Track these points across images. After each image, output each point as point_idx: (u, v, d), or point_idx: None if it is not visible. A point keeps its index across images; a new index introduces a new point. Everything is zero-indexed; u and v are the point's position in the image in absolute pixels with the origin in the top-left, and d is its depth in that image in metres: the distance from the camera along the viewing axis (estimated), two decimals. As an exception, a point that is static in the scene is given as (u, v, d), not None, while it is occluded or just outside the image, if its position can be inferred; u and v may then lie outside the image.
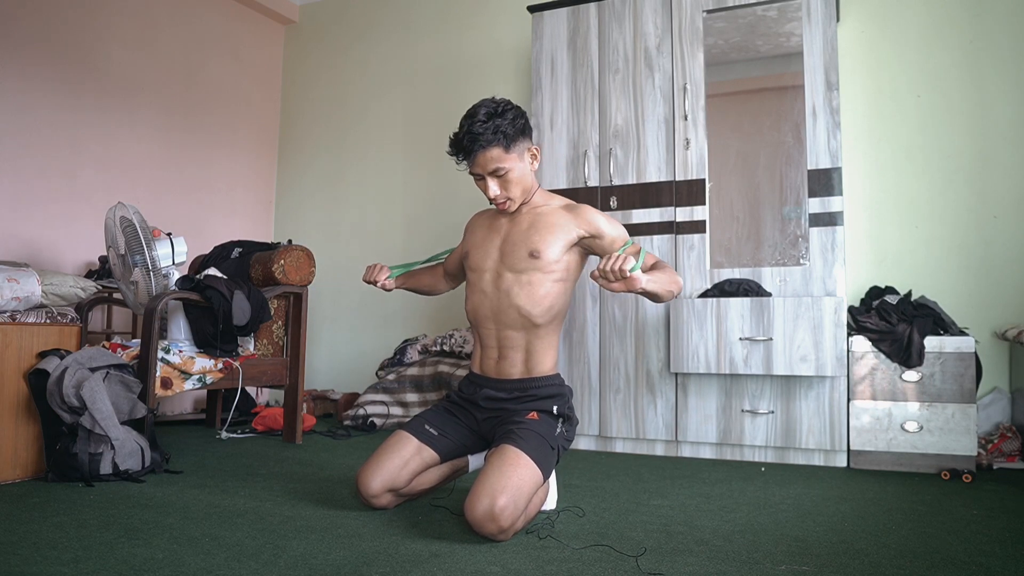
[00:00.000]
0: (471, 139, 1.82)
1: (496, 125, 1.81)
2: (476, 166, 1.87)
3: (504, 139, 1.82)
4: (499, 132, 1.81)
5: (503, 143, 1.82)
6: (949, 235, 3.06)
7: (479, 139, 1.81)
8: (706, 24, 2.98)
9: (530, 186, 1.94)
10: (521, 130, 1.87)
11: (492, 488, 1.62)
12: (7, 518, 1.80)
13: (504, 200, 1.90)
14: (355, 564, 1.47)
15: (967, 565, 1.52)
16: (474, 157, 1.84)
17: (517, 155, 1.87)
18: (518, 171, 1.88)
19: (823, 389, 2.68)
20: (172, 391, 2.61)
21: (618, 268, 1.63)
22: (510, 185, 1.88)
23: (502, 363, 1.93)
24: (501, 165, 1.84)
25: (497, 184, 1.87)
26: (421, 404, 3.53)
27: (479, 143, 1.81)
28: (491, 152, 1.82)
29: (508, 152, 1.84)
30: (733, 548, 1.62)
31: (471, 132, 1.81)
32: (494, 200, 1.89)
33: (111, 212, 2.70)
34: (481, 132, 1.81)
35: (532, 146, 1.93)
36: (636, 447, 2.98)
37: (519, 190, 1.90)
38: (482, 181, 1.89)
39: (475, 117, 1.83)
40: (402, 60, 4.39)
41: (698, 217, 2.92)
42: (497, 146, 1.82)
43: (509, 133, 1.83)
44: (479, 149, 1.82)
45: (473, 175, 1.90)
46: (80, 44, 3.61)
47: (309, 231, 4.55)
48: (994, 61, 3.04)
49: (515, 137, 1.85)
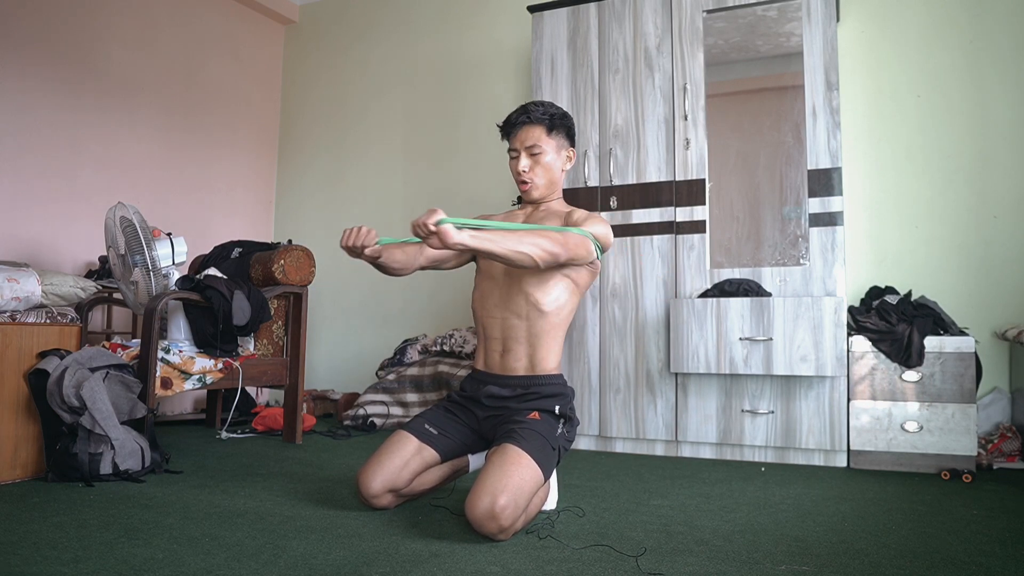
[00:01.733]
0: (521, 112, 1.97)
1: (547, 110, 1.97)
2: (516, 140, 1.98)
3: (549, 122, 1.96)
4: (547, 115, 1.96)
5: (547, 124, 1.96)
6: (949, 235, 3.06)
7: (529, 114, 1.96)
8: (706, 24, 2.98)
9: (556, 181, 2.02)
10: (566, 127, 2.01)
11: (493, 487, 1.62)
12: (7, 518, 1.80)
13: (528, 180, 1.97)
14: (355, 564, 1.47)
15: (967, 565, 1.52)
16: (517, 130, 1.97)
17: (555, 144, 1.98)
18: (550, 158, 1.97)
19: (823, 389, 2.68)
20: (172, 391, 2.61)
21: (422, 222, 1.59)
22: (539, 168, 1.97)
23: (506, 357, 1.94)
24: (538, 144, 1.95)
25: (529, 162, 1.97)
26: (421, 404, 3.53)
27: (527, 116, 1.96)
28: (534, 130, 1.96)
29: (548, 136, 1.96)
30: (733, 548, 1.62)
31: (524, 108, 1.98)
32: (519, 176, 1.97)
33: (111, 212, 2.70)
34: (532, 110, 1.96)
35: (571, 149, 2.03)
36: (636, 447, 2.98)
37: (545, 178, 1.98)
38: (516, 158, 1.98)
39: (532, 102, 1.99)
40: (402, 60, 4.39)
41: (698, 217, 2.92)
42: (540, 126, 1.96)
43: (556, 120, 1.97)
44: (524, 122, 1.96)
45: (510, 152, 1.99)
46: (80, 44, 3.61)
47: (309, 231, 4.55)
48: (994, 61, 3.04)
49: (559, 128, 1.98)
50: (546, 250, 1.75)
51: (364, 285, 4.31)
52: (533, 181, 1.98)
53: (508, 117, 2.01)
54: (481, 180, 4.02)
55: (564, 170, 2.03)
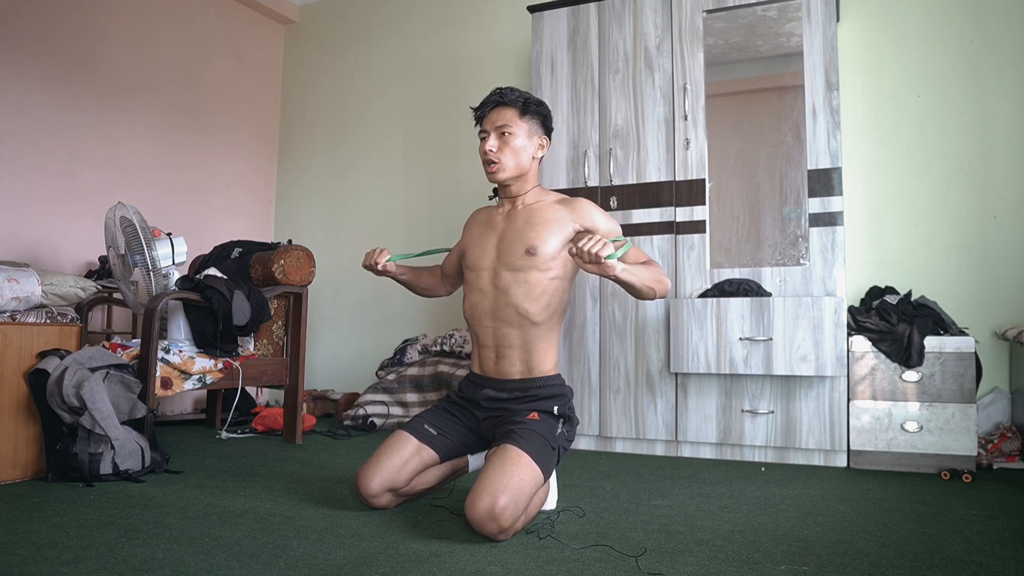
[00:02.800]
0: (495, 93, 1.96)
1: (522, 94, 1.96)
2: (487, 121, 1.96)
3: (523, 105, 1.94)
4: (521, 99, 1.95)
5: (520, 107, 1.94)
6: (949, 235, 3.06)
7: (503, 96, 1.95)
8: (706, 24, 2.98)
9: (525, 167, 1.97)
10: (541, 115, 1.98)
11: (493, 487, 1.62)
12: (7, 518, 1.80)
13: (495, 161, 1.93)
14: (355, 564, 1.47)
15: (967, 565, 1.52)
16: (489, 110, 1.96)
17: (527, 128, 1.96)
18: (520, 142, 1.95)
19: (823, 389, 2.68)
20: (172, 391, 2.61)
21: (595, 252, 1.65)
22: (507, 149, 1.93)
23: (501, 363, 1.94)
24: (509, 124, 1.93)
25: (497, 142, 1.94)
26: (421, 404, 3.53)
27: (500, 97, 1.95)
28: (506, 111, 1.94)
29: (520, 119, 1.94)
30: (733, 548, 1.62)
31: (499, 90, 1.96)
32: (486, 155, 1.94)
33: (111, 212, 2.69)
34: (507, 93, 1.95)
35: (544, 137, 2.00)
36: (636, 447, 2.98)
37: (514, 161, 1.94)
38: (484, 139, 1.95)
39: (508, 87, 1.98)
40: (402, 60, 4.39)
41: (698, 217, 2.92)
42: (513, 108, 1.94)
43: (531, 105, 1.95)
44: (497, 102, 1.95)
45: (481, 134, 1.98)
46: (80, 44, 3.61)
47: (309, 231, 4.55)
48: (994, 61, 3.04)
49: (533, 114, 1.96)
50: (666, 289, 1.85)
51: (364, 285, 4.31)
52: (501, 161, 1.92)
53: (484, 99, 1.98)
54: (481, 180, 4.00)
55: (535, 158, 1.98)
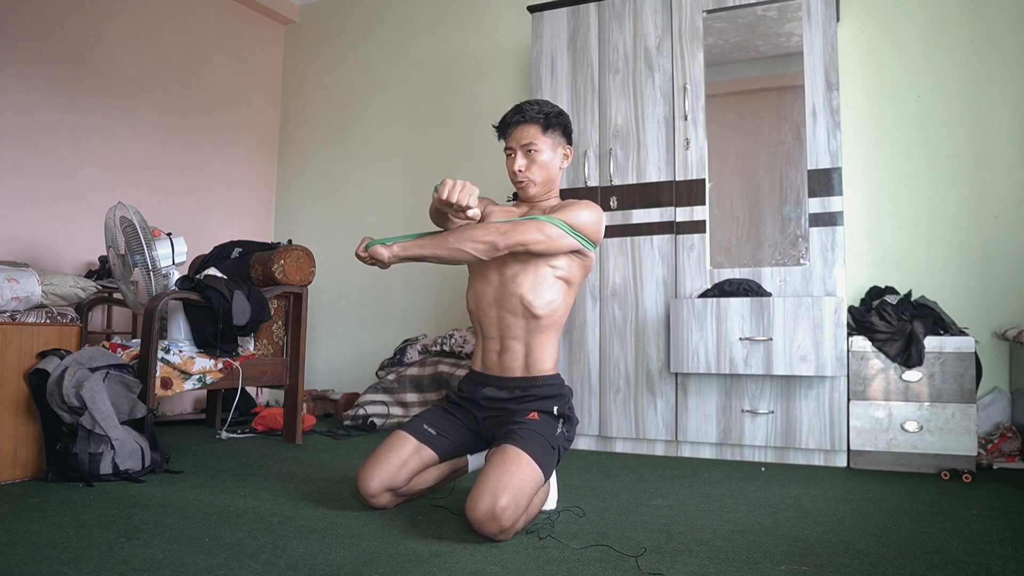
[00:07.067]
0: (516, 111, 1.98)
1: (542, 108, 1.97)
2: (512, 139, 1.98)
3: (544, 120, 1.96)
4: (542, 114, 1.96)
5: (542, 123, 1.96)
6: (949, 235, 3.06)
7: (524, 113, 1.96)
8: (706, 24, 2.98)
9: (553, 179, 2.01)
10: (562, 125, 2.00)
11: (494, 488, 1.62)
12: (7, 518, 1.80)
13: (524, 179, 1.97)
14: (355, 564, 1.47)
15: (967, 565, 1.52)
16: (513, 128, 1.97)
17: (551, 142, 1.98)
18: (546, 156, 1.97)
19: (823, 389, 2.68)
20: (172, 391, 2.61)
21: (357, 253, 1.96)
22: (535, 166, 1.96)
23: (504, 356, 1.94)
24: (534, 142, 1.95)
25: (524, 161, 1.96)
26: (421, 404, 3.53)
27: (521, 116, 1.96)
28: (529, 128, 1.95)
29: (544, 134, 1.96)
30: (733, 548, 1.62)
31: (519, 107, 1.98)
32: (516, 174, 1.97)
33: (111, 212, 2.69)
34: (527, 109, 1.96)
35: (567, 147, 2.03)
36: (636, 447, 2.98)
37: (542, 176, 1.98)
38: (512, 157, 1.97)
39: (527, 101, 2.00)
40: (402, 60, 4.39)
41: (698, 217, 2.92)
42: (536, 124, 1.95)
43: (551, 119, 1.97)
44: (519, 121, 1.96)
45: (506, 151, 2.00)
46: (80, 44, 3.61)
47: (309, 231, 4.55)
48: (995, 61, 3.03)
49: (554, 126, 1.98)
50: (480, 240, 1.84)
51: (364, 285, 4.31)
52: (529, 179, 1.97)
53: (503, 117, 2.00)
54: (481, 180, 3.98)
55: (561, 168, 2.03)
